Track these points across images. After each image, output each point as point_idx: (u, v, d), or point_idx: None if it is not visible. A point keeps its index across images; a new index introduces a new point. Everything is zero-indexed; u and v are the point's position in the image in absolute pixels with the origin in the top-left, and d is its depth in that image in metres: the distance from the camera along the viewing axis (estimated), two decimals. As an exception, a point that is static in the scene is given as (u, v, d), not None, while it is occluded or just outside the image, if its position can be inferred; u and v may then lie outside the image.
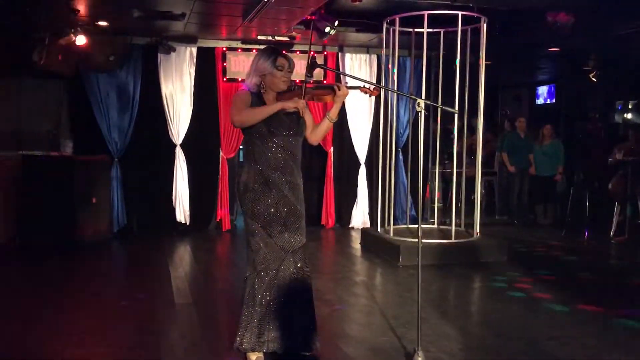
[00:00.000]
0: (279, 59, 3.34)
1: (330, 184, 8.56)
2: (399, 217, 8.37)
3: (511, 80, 11.97)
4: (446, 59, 7.03)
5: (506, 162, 9.12)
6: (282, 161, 3.35)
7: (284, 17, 6.57)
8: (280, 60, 3.34)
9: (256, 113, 3.26)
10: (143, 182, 7.83)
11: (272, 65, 3.33)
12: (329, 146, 8.47)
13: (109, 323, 4.31)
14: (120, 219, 7.72)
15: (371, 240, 7.12)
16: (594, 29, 7.30)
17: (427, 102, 3.37)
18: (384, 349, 3.75)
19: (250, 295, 3.39)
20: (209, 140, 8.06)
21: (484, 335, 4.14)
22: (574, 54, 9.01)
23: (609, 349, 3.83)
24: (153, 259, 6.58)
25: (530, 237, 8.09)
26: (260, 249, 3.36)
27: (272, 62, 3.33)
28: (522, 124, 9.19)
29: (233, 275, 5.86)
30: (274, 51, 3.39)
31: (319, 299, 4.68)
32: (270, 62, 3.33)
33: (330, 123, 3.49)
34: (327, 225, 8.54)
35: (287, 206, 3.37)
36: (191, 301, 4.87)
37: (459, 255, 6.41)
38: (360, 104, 8.41)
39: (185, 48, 7.81)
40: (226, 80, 7.96)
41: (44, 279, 5.57)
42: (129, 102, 7.68)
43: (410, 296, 4.95)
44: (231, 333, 3.65)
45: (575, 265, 6.52)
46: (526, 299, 5.02)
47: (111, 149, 7.65)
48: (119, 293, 5.12)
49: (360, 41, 8.07)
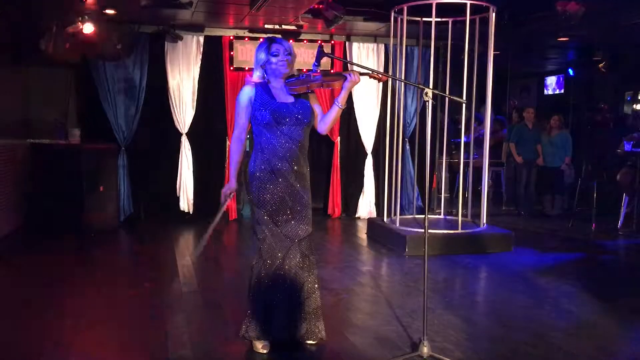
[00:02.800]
0: (272, 46, 3.36)
1: (336, 173, 8.55)
2: (406, 207, 8.35)
3: (520, 70, 11.89)
4: (454, 49, 6.99)
5: (514, 153, 9.08)
6: (289, 150, 3.35)
7: (292, 6, 6.54)
8: (273, 47, 3.36)
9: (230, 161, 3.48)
10: (150, 171, 7.85)
11: (267, 53, 3.35)
12: (335, 136, 8.46)
13: (116, 310, 4.34)
14: (126, 207, 7.75)
15: (377, 230, 7.12)
16: (604, 19, 7.23)
17: (434, 91, 3.35)
18: (389, 339, 3.76)
19: (256, 284, 3.41)
20: (216, 129, 8.06)
21: (490, 326, 4.14)
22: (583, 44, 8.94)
23: (615, 340, 3.83)
24: (160, 247, 6.61)
25: (537, 227, 8.07)
26: (267, 237, 3.37)
27: (267, 50, 3.36)
28: (530, 114, 9.13)
29: (239, 264, 5.88)
30: (267, 40, 3.43)
31: (325, 288, 4.70)
32: (264, 51, 3.37)
33: (340, 110, 3.48)
34: (333, 215, 8.54)
35: (294, 195, 3.37)
36: (198, 289, 4.89)
37: (466, 246, 6.40)
38: (367, 94, 8.38)
39: (192, 37, 7.80)
40: (233, 69, 7.94)
41: (51, 267, 5.60)
42: (135, 91, 7.68)
43: (416, 286, 4.96)
44: (237, 321, 3.67)
45: (582, 256, 6.50)
46: (532, 290, 5.01)
47: (118, 137, 7.66)
48: (126, 281, 5.15)
49: (368, 30, 8.02)
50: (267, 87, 3.40)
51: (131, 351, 3.58)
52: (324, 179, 8.68)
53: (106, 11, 6.70)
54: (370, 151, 8.54)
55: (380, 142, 8.24)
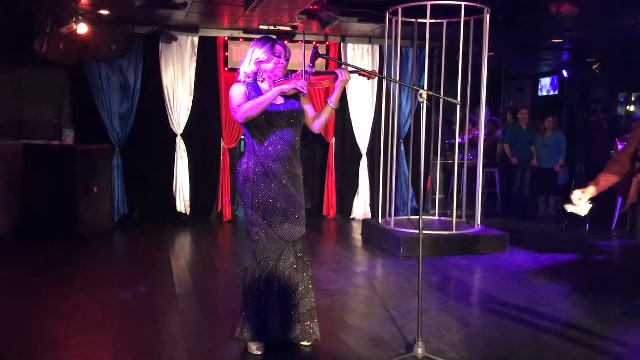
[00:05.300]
0: (276, 46, 3.34)
1: (331, 174, 8.55)
2: (400, 208, 8.36)
3: (514, 71, 11.92)
4: (449, 50, 7.00)
5: (508, 154, 9.10)
6: (282, 152, 3.35)
7: (286, 7, 6.53)
8: (277, 47, 3.34)
9: (258, 104, 3.23)
10: (144, 172, 7.82)
11: (270, 52, 3.33)
12: (330, 137, 8.46)
13: (110, 312, 4.32)
14: (121, 208, 7.73)
15: (372, 231, 7.13)
16: (598, 21, 7.26)
17: (429, 92, 3.35)
18: (384, 340, 3.76)
19: (250, 285, 3.40)
20: (210, 130, 8.05)
21: (484, 326, 4.15)
22: (577, 45, 8.97)
23: (608, 341, 3.84)
24: (154, 249, 6.58)
25: (532, 228, 8.09)
26: (260, 239, 3.36)
27: (270, 49, 3.33)
28: (524, 115, 9.16)
29: (234, 265, 5.86)
30: (270, 39, 3.40)
31: (320, 289, 4.70)
32: (267, 49, 3.33)
33: (332, 109, 3.48)
34: (328, 216, 8.54)
35: (287, 196, 3.37)
36: (192, 291, 4.88)
37: (460, 247, 6.41)
38: (362, 95, 8.39)
39: (187, 37, 7.79)
40: (227, 69, 7.93)
41: (45, 268, 5.58)
42: (130, 91, 7.66)
43: (411, 287, 4.96)
44: (232, 323, 3.66)
45: (575, 257, 6.52)
46: (526, 291, 5.02)
47: (112, 138, 7.64)
48: (120, 282, 5.12)
49: (363, 31, 8.03)
50: (258, 88, 3.38)
51: (125, 352, 3.57)
52: (319, 180, 8.68)
53: (100, 12, 6.69)
54: (365, 152, 8.55)
55: (375, 143, 8.24)
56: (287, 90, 3.30)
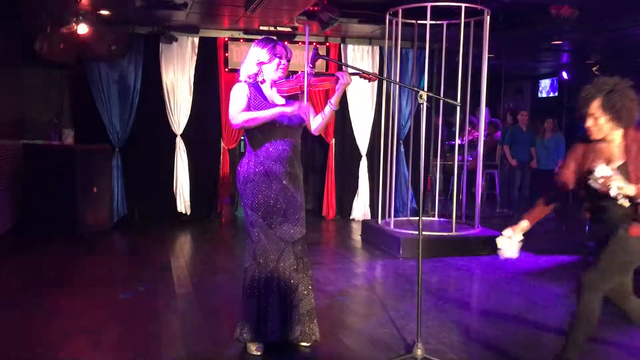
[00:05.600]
0: (277, 47, 3.35)
1: (331, 175, 8.56)
2: (400, 209, 8.37)
3: (514, 73, 11.94)
4: (449, 51, 7.01)
5: (508, 156, 9.11)
6: (283, 152, 3.35)
7: (287, 8, 6.54)
8: (278, 48, 3.35)
9: (256, 118, 3.26)
10: (144, 172, 7.83)
11: (271, 53, 3.33)
12: (330, 138, 8.46)
13: (110, 313, 4.33)
14: (120, 208, 7.73)
15: (372, 232, 7.13)
16: (597, 23, 7.27)
17: (429, 94, 3.35)
18: (383, 341, 3.76)
19: (250, 286, 3.40)
20: (210, 130, 8.06)
21: (484, 328, 4.15)
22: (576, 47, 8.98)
23: (608, 343, 3.84)
24: (154, 249, 6.59)
25: (531, 230, 8.07)
26: (260, 239, 3.37)
27: (271, 50, 3.33)
28: (524, 117, 9.16)
29: (234, 266, 5.86)
30: (271, 40, 3.40)
31: (319, 290, 4.70)
32: (268, 50, 3.34)
33: (333, 111, 3.48)
34: (327, 217, 8.54)
35: (288, 197, 3.37)
36: (192, 291, 4.88)
37: (460, 248, 6.41)
38: (362, 96, 8.40)
39: (187, 38, 7.79)
40: (228, 70, 7.94)
41: (44, 268, 5.58)
42: (130, 92, 7.67)
43: (410, 288, 4.96)
44: (231, 323, 3.66)
45: (575, 258, 6.52)
46: (526, 292, 5.03)
47: (112, 138, 7.65)
48: (120, 283, 5.12)
49: (363, 32, 8.04)
50: (259, 88, 3.39)
51: (125, 352, 3.57)
52: (319, 181, 8.69)
53: (101, 12, 6.69)
54: (364, 153, 8.55)
55: (374, 144, 8.24)
56: (289, 114, 3.31)
